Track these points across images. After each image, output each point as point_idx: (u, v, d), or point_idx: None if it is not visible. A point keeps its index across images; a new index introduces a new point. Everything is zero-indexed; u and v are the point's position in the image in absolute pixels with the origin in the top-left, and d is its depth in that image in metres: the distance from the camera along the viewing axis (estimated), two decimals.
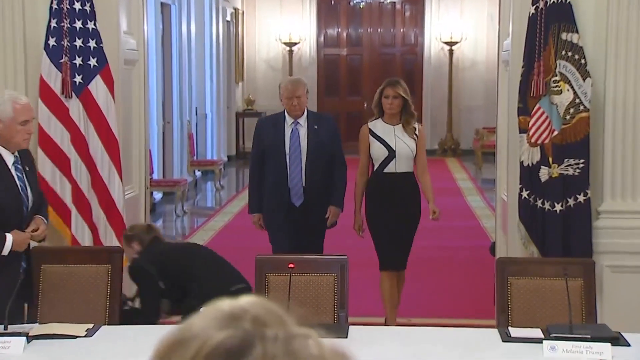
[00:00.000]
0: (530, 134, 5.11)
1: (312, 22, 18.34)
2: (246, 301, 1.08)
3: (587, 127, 5.07)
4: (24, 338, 3.68)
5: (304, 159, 5.98)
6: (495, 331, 3.98)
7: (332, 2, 18.40)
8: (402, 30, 18.52)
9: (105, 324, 4.18)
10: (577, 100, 5.05)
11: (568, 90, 5.05)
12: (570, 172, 5.07)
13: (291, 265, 4.16)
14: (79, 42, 5.34)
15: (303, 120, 6.04)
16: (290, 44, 18.15)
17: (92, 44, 5.37)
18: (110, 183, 5.43)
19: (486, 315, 6.19)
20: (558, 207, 5.07)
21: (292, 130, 6.01)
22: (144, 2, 6.23)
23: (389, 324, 6.00)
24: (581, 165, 5.07)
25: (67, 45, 5.32)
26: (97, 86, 5.38)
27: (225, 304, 1.07)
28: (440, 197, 7.55)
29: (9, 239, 4.34)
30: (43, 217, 4.57)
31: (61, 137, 5.35)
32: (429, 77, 18.05)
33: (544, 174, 5.10)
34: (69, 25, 5.32)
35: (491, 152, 11.22)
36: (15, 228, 4.38)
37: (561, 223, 5.08)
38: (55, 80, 5.33)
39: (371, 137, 5.98)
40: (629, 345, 3.69)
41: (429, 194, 6.18)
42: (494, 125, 6.61)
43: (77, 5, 5.31)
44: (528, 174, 5.14)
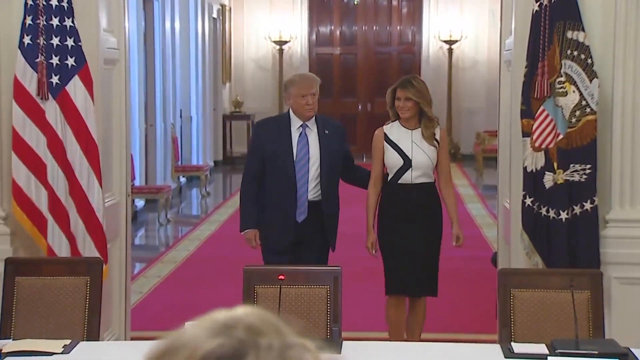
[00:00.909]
0: (534, 137, 5.11)
1: (304, 20, 18.37)
2: (242, 311, 1.09)
3: (594, 130, 5.07)
4: None
5: (312, 168, 5.58)
6: (497, 346, 3.98)
7: None
8: (398, 27, 18.56)
9: (83, 340, 4.17)
10: (584, 102, 5.05)
11: (574, 91, 5.05)
12: (577, 178, 5.07)
13: (281, 277, 4.16)
14: (55, 41, 5.33)
15: (312, 124, 5.63)
16: (281, 43, 18.17)
17: (70, 42, 5.35)
18: (89, 190, 5.41)
19: (488, 329, 6.20)
20: (563, 215, 5.07)
21: (301, 135, 5.60)
22: None
23: None
24: (588, 171, 5.07)
25: (43, 43, 5.31)
26: (75, 87, 5.37)
27: (221, 314, 1.08)
28: None
29: None
30: None
31: (37, 141, 5.33)
32: (427, 78, 18.03)
33: (548, 180, 5.10)
34: (45, 23, 5.30)
35: (493, 157, 11.24)
36: None
37: (567, 232, 5.07)
38: (30, 81, 5.31)
39: (385, 143, 5.66)
40: None
41: (452, 212, 5.79)
42: (496, 128, 6.62)
43: (54, 2, 5.29)
44: (532, 180, 5.13)
